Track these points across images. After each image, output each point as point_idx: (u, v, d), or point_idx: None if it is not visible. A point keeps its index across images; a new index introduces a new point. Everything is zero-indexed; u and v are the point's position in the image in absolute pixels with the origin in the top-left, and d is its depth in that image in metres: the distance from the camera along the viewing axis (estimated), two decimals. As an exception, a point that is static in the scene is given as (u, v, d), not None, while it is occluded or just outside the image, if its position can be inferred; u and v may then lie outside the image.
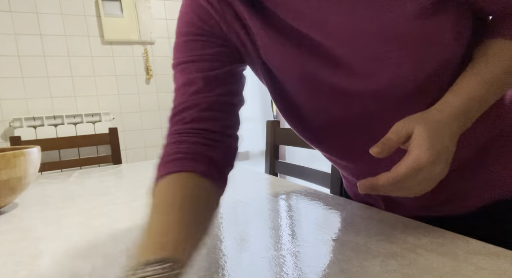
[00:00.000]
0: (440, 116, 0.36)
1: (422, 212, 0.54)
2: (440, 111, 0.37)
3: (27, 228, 0.60)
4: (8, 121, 1.77)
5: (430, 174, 0.35)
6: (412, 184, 0.35)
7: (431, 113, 0.37)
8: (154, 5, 2.07)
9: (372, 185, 0.36)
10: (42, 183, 1.02)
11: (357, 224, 0.51)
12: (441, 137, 0.35)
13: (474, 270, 0.35)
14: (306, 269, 0.38)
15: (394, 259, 0.39)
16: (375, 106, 0.43)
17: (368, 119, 0.45)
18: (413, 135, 0.35)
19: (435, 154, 0.34)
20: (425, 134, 0.34)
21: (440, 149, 0.34)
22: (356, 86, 0.42)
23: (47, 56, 1.83)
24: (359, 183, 0.36)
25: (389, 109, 0.43)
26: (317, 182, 0.98)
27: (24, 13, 1.77)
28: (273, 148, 1.19)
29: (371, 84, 0.41)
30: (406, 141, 0.36)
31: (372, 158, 0.37)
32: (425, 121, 0.35)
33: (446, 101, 0.38)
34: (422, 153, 0.34)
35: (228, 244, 0.47)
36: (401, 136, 0.36)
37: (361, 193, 0.37)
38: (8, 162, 0.68)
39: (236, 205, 0.65)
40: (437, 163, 0.34)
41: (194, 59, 0.47)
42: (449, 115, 0.36)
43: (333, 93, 0.45)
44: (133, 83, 2.04)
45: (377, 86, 0.41)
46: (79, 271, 0.42)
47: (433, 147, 0.34)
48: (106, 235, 0.54)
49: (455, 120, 0.37)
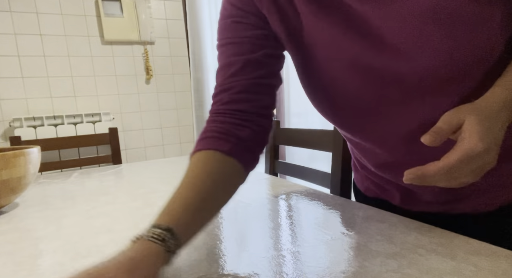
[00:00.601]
0: (491, 107, 0.37)
1: (438, 208, 0.53)
2: (489, 102, 0.37)
3: (27, 228, 0.60)
4: (8, 121, 1.77)
5: (482, 162, 0.35)
6: (462, 173, 0.35)
7: (480, 104, 0.37)
8: (154, 5, 2.07)
9: (421, 175, 0.36)
10: (42, 183, 1.02)
11: (357, 224, 0.51)
12: (493, 127, 0.35)
13: (474, 270, 0.35)
14: (306, 269, 0.38)
15: (394, 259, 0.39)
16: (417, 90, 0.42)
17: (409, 104, 0.44)
18: (464, 125, 0.35)
19: (487, 143, 0.34)
20: (476, 124, 0.35)
21: (492, 138, 0.35)
22: (400, 68, 0.41)
23: (47, 56, 1.83)
24: (406, 172, 0.36)
25: (431, 94, 0.42)
26: (317, 182, 0.98)
27: (24, 13, 1.77)
28: (273, 148, 1.19)
29: (416, 67, 0.40)
30: (456, 130, 0.37)
31: (409, 147, 0.37)
32: (476, 112, 0.36)
33: (494, 92, 0.38)
34: (475, 142, 0.34)
35: (228, 244, 0.47)
36: (452, 126, 0.36)
37: (406, 182, 0.37)
38: (8, 162, 0.68)
39: (236, 205, 0.65)
40: (489, 152, 0.35)
41: (234, 42, 0.49)
42: (499, 106, 0.37)
43: (377, 76, 0.43)
44: (133, 83, 2.04)
45: (421, 68, 0.40)
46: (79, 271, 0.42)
47: (486, 136, 0.34)
48: (106, 235, 0.54)
49: (505, 111, 0.37)
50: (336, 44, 0.44)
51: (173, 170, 1.10)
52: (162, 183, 0.90)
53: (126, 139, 2.05)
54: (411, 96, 0.43)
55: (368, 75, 0.44)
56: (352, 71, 0.44)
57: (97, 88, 1.95)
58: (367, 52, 0.42)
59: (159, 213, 0.38)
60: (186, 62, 2.17)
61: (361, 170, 0.64)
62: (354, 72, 0.44)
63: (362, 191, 0.67)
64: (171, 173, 1.05)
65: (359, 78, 0.44)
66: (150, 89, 2.09)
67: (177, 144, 2.18)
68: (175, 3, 2.12)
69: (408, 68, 0.41)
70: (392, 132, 0.47)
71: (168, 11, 2.11)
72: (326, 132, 0.95)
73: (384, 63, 0.42)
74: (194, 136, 2.20)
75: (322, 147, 0.96)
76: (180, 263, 0.42)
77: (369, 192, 0.65)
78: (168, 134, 2.16)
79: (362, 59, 0.43)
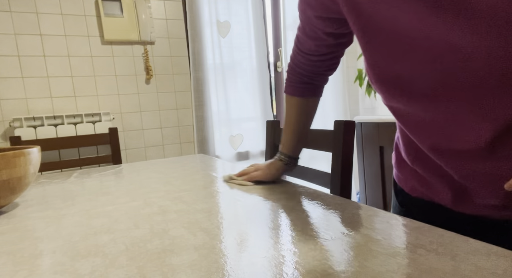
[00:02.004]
0: None
1: (496, 213, 0.50)
2: None
3: (27, 228, 0.60)
4: (8, 121, 1.77)
5: None
6: None
7: None
8: (154, 5, 2.07)
9: None
10: (42, 183, 1.02)
11: (357, 224, 0.51)
12: None
13: (474, 270, 0.35)
14: (306, 269, 0.38)
15: (394, 259, 0.39)
16: (488, 71, 0.40)
17: (483, 90, 0.42)
18: None
19: None
20: None
21: None
22: (472, 47, 0.40)
23: (47, 56, 1.83)
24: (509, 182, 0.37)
25: (502, 78, 0.40)
26: (317, 182, 0.98)
27: (24, 13, 1.77)
28: (273, 148, 1.19)
29: (489, 45, 0.39)
30: None
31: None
32: None
33: None
34: None
35: (228, 244, 0.47)
36: None
37: (507, 189, 0.37)
38: (8, 162, 0.68)
39: (236, 205, 0.65)
40: None
41: (312, 36, 0.68)
42: None
43: (448, 53, 0.42)
44: (133, 83, 2.04)
45: (494, 47, 0.39)
46: (79, 271, 0.42)
47: None
48: (106, 235, 0.54)
49: None
50: (414, 22, 0.44)
51: (173, 170, 1.10)
52: (162, 183, 0.90)
53: (126, 139, 2.05)
54: (486, 79, 0.41)
55: (438, 51, 0.43)
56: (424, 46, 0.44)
57: (97, 88, 1.95)
58: (441, 26, 0.41)
59: (281, 144, 0.85)
60: (186, 62, 2.17)
61: (411, 164, 0.60)
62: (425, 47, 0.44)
63: (406, 190, 0.63)
64: (171, 173, 1.05)
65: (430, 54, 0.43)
66: (150, 89, 2.09)
67: (177, 144, 2.18)
68: (175, 3, 2.12)
69: (482, 46, 0.39)
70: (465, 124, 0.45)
71: (168, 11, 2.11)
72: (326, 132, 0.95)
73: (454, 37, 0.41)
74: (194, 136, 2.20)
75: (322, 147, 0.96)
76: (180, 263, 0.42)
77: (414, 192, 0.61)
78: (168, 134, 2.16)
79: (435, 32, 0.42)
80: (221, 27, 2.18)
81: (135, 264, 0.43)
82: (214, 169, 1.08)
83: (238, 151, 2.27)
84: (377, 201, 1.96)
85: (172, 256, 0.44)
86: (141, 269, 0.41)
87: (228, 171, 1.03)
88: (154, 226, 0.56)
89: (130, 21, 1.97)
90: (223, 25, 2.18)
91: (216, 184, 0.85)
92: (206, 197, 0.73)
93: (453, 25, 0.41)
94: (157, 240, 0.50)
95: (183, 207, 0.66)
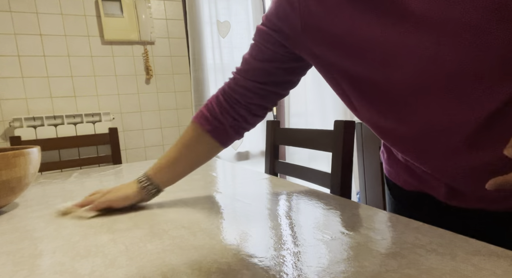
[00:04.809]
0: None
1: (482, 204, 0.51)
2: None
3: (27, 228, 0.60)
4: (8, 121, 1.77)
5: None
6: None
7: None
8: (154, 5, 2.07)
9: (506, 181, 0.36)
10: (42, 183, 1.02)
11: (357, 224, 0.51)
12: None
13: (474, 270, 0.35)
14: (306, 269, 0.38)
15: (394, 259, 0.39)
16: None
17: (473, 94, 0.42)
18: None
19: None
20: None
21: None
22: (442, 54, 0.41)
23: (47, 56, 1.83)
24: (491, 181, 0.37)
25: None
26: (317, 182, 0.98)
27: (24, 13, 1.77)
28: (273, 148, 1.19)
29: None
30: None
31: None
32: None
33: None
34: None
35: (228, 244, 0.47)
36: None
37: (488, 189, 0.37)
38: (8, 162, 0.68)
39: (236, 205, 0.65)
40: None
41: (261, 49, 0.60)
42: None
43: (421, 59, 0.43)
44: (133, 83, 2.04)
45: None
46: (79, 271, 0.42)
47: None
48: (106, 235, 0.54)
49: None
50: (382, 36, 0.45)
51: (173, 170, 1.10)
52: (162, 183, 0.90)
53: (126, 139, 2.05)
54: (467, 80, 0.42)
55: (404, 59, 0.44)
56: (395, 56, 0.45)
57: (97, 88, 1.95)
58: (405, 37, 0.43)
59: (154, 164, 0.68)
60: (186, 62, 2.17)
61: (402, 160, 0.60)
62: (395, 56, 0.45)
63: (399, 184, 0.63)
64: (171, 173, 1.04)
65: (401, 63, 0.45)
66: (150, 89, 2.09)
67: (177, 144, 2.18)
68: (175, 3, 2.12)
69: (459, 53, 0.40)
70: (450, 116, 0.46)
71: (168, 11, 2.11)
72: (326, 132, 0.94)
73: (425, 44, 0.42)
74: (194, 136, 2.20)
75: (322, 147, 0.96)
76: (180, 263, 0.42)
77: (407, 185, 0.61)
78: (168, 135, 2.16)
79: (398, 43, 0.44)
80: (221, 27, 2.18)
81: (135, 264, 0.43)
82: (214, 169, 1.08)
83: (238, 151, 2.27)
84: (377, 201, 1.96)
85: (172, 256, 0.44)
86: (141, 269, 0.41)
87: (228, 171, 1.03)
88: (154, 226, 0.56)
89: (130, 21, 1.97)
90: (223, 25, 2.18)
91: (216, 184, 0.85)
92: (206, 197, 0.73)
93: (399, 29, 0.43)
94: (157, 240, 0.50)
95: (183, 207, 0.66)
